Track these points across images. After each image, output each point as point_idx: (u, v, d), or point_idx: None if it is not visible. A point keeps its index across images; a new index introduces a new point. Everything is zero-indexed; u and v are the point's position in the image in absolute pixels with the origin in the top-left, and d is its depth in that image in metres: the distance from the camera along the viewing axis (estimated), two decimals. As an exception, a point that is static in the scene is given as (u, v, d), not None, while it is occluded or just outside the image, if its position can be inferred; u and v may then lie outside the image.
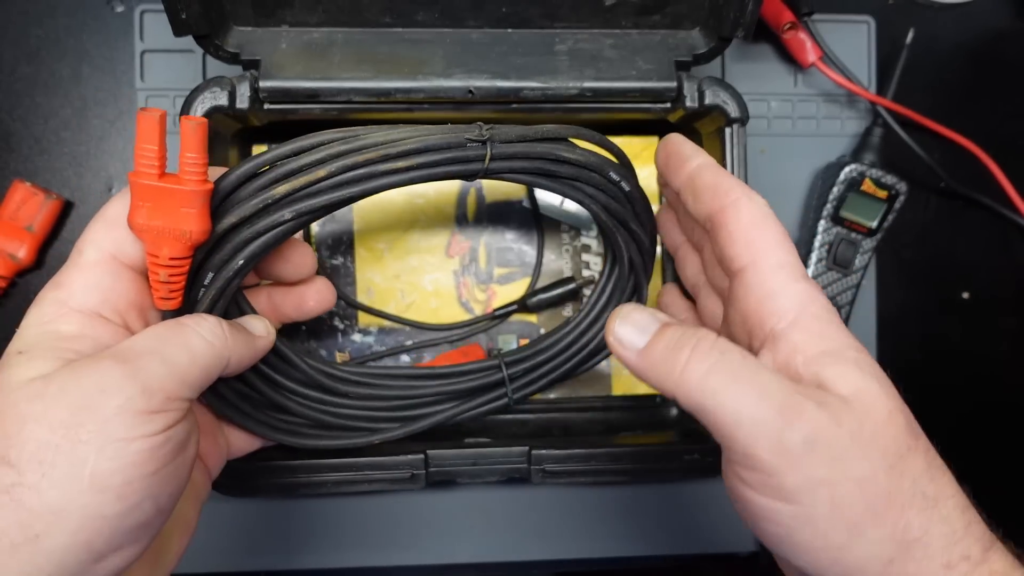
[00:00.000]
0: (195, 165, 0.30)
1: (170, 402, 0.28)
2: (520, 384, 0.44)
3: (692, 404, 0.28)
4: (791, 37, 0.49)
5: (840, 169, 0.49)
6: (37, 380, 0.27)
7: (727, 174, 0.34)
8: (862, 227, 0.48)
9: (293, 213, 0.33)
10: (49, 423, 0.26)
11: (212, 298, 0.34)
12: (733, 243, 0.32)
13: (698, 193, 0.35)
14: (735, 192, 0.33)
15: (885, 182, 0.48)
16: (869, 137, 0.50)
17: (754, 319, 0.31)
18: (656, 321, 0.31)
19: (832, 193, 0.48)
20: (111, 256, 0.31)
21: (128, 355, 0.28)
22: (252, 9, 0.40)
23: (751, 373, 0.28)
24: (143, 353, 0.29)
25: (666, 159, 0.37)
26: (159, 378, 0.28)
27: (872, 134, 0.50)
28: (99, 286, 0.31)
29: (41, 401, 0.27)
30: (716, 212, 0.33)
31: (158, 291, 0.31)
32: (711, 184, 0.34)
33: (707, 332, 0.29)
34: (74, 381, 0.27)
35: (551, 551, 0.50)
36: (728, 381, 0.27)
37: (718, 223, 0.33)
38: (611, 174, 0.40)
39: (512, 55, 0.42)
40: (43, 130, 0.48)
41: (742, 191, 0.33)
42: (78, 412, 0.26)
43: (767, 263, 0.31)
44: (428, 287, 0.49)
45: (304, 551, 0.48)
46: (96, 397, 0.27)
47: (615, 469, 0.44)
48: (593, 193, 0.41)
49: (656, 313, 0.32)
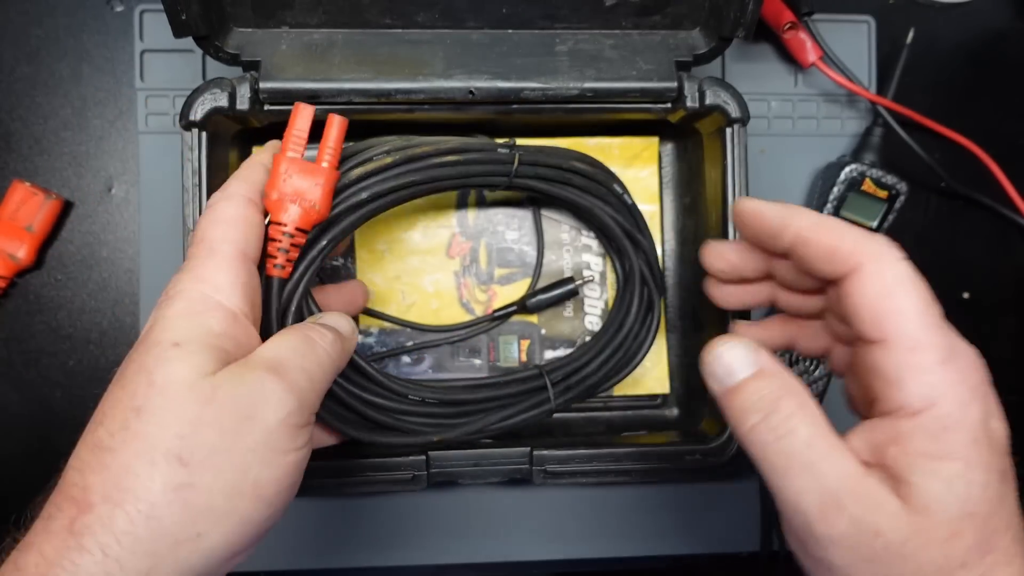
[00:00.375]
0: (333, 152, 0.36)
1: (312, 416, 0.31)
2: (560, 389, 0.44)
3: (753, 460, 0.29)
4: (791, 37, 0.49)
5: (840, 169, 0.49)
6: (205, 381, 0.28)
7: (839, 228, 0.30)
8: (863, 227, 0.48)
9: (369, 194, 0.38)
10: (221, 428, 0.27)
11: (300, 274, 0.36)
12: (860, 320, 0.28)
13: (809, 262, 0.31)
14: (857, 256, 0.29)
15: (885, 182, 0.48)
16: (869, 137, 0.50)
17: (878, 394, 0.28)
18: (751, 365, 0.29)
19: (832, 193, 0.48)
20: (243, 253, 0.32)
21: (279, 368, 0.30)
22: (252, 10, 0.40)
23: (808, 462, 0.27)
24: (292, 368, 0.30)
25: (755, 234, 0.33)
26: (307, 393, 0.30)
27: (872, 134, 0.50)
28: (241, 284, 0.32)
29: (213, 406, 0.28)
30: (837, 280, 0.30)
31: (276, 259, 0.34)
32: (825, 249, 0.30)
33: (791, 399, 0.28)
34: (241, 388, 0.28)
35: (552, 551, 0.50)
36: (783, 464, 0.27)
37: (841, 292, 0.29)
38: (615, 187, 0.43)
39: (512, 56, 0.42)
40: (43, 130, 0.48)
41: (866, 253, 0.29)
42: (245, 421, 0.28)
43: (898, 345, 0.27)
44: (429, 288, 0.49)
45: (305, 551, 0.48)
46: (261, 408, 0.28)
47: (617, 470, 0.44)
48: (602, 206, 0.44)
49: (758, 353, 0.30)
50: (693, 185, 0.48)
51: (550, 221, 0.49)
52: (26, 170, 0.48)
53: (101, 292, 0.48)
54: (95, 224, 0.48)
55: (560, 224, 0.49)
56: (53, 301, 0.48)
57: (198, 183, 0.41)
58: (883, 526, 0.26)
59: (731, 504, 0.50)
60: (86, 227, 0.48)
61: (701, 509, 0.50)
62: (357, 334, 0.37)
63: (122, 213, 0.48)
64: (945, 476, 0.26)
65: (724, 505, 0.50)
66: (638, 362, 0.46)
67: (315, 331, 0.33)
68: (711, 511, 0.50)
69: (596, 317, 0.50)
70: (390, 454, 0.43)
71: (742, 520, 0.50)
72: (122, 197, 0.48)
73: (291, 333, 0.32)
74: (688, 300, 0.49)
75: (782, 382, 0.29)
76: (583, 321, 0.49)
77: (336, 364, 0.33)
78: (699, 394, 0.48)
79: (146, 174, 0.48)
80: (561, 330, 0.49)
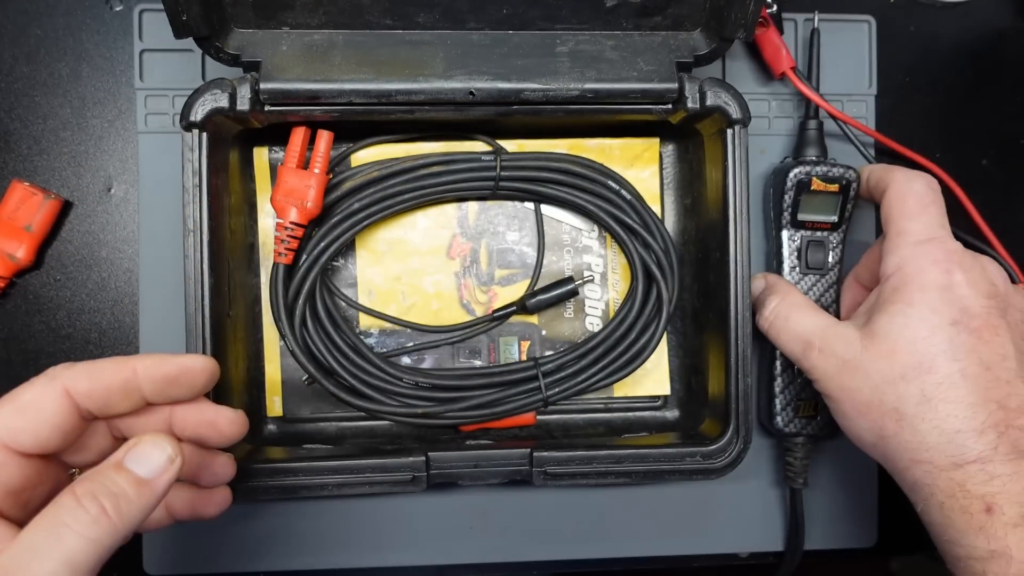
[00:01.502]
0: (323, 159, 0.44)
1: None
2: (552, 381, 0.46)
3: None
4: (761, 34, 0.48)
5: (786, 175, 0.47)
6: None
7: (889, 168, 0.43)
8: (824, 224, 0.47)
9: (360, 204, 0.45)
10: None
11: (305, 268, 0.44)
12: (884, 217, 0.42)
13: (871, 196, 0.45)
14: (885, 181, 0.42)
15: (833, 175, 0.47)
16: (806, 132, 0.49)
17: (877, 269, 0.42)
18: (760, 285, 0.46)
19: (785, 201, 0.47)
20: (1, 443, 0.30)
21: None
22: (253, 11, 0.40)
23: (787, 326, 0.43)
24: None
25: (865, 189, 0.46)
26: None
27: (808, 127, 0.49)
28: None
29: None
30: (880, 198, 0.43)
31: (278, 247, 0.43)
32: (876, 180, 0.44)
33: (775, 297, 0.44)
34: None
35: (552, 552, 0.50)
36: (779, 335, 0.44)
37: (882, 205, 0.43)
38: (610, 183, 0.44)
39: (513, 57, 0.42)
40: (42, 130, 0.48)
41: (889, 179, 0.42)
42: None
43: (890, 232, 0.41)
44: (429, 289, 0.49)
45: (305, 552, 0.48)
46: None
47: (617, 471, 0.44)
48: (598, 202, 0.45)
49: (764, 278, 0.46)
50: (694, 186, 0.48)
51: (551, 221, 0.49)
52: (25, 170, 0.48)
53: (100, 292, 0.48)
54: (94, 224, 0.48)
55: (561, 224, 0.49)
56: (52, 301, 0.48)
57: (198, 183, 0.41)
58: (840, 350, 0.40)
59: (731, 505, 0.50)
60: (85, 227, 0.48)
61: (701, 510, 0.50)
62: (177, 461, 0.31)
63: (121, 213, 0.48)
64: (890, 312, 0.39)
65: (724, 506, 0.50)
66: (644, 359, 0.46)
67: (73, 513, 0.28)
68: (711, 512, 0.50)
69: (597, 318, 0.50)
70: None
71: (742, 521, 0.51)
72: (121, 197, 0.48)
73: (37, 524, 0.28)
74: (688, 301, 0.49)
75: (772, 287, 0.45)
76: (584, 322, 0.49)
77: (111, 533, 0.28)
78: (699, 396, 0.48)
79: (145, 174, 0.48)
80: (561, 331, 0.49)
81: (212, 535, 0.48)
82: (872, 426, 0.39)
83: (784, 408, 0.48)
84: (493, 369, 0.47)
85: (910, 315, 0.38)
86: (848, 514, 0.51)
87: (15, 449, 0.30)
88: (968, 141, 0.53)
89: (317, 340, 0.45)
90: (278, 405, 0.48)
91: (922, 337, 0.38)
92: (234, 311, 0.44)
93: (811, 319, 0.42)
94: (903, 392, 0.37)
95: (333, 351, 0.45)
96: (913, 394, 0.37)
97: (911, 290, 0.38)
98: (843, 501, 0.51)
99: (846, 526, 0.51)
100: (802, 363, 0.42)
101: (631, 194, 0.46)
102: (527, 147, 0.48)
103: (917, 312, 0.38)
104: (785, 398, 0.48)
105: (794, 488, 0.49)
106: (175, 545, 0.48)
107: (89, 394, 0.32)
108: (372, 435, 0.49)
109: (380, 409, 0.44)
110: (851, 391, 0.39)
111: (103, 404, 0.33)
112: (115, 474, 0.30)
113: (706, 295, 0.47)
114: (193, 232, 0.41)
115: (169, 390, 0.34)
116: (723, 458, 0.44)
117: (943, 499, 0.36)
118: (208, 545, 0.48)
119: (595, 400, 0.50)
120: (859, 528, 0.51)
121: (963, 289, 0.38)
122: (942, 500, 0.36)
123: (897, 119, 0.53)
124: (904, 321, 0.38)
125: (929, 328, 0.38)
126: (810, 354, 0.41)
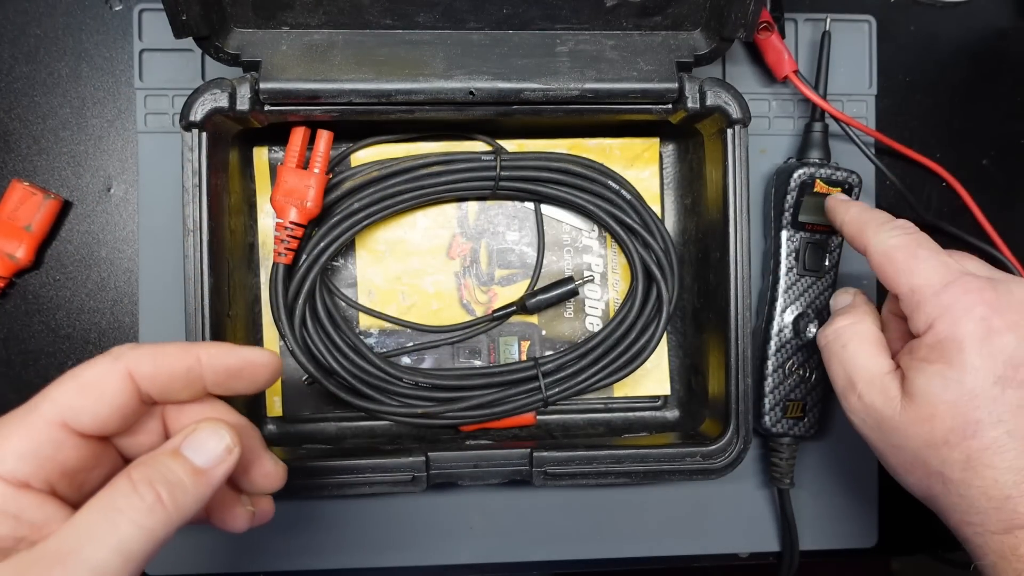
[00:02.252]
0: (322, 159, 0.44)
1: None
2: (552, 381, 0.46)
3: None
4: (764, 39, 0.48)
5: (789, 176, 0.47)
6: None
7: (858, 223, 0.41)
8: (824, 227, 0.47)
9: (360, 204, 0.45)
10: None
11: (305, 267, 0.44)
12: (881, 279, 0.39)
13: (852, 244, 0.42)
14: (861, 239, 0.40)
15: (836, 178, 0.47)
16: (811, 134, 0.49)
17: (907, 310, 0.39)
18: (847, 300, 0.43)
19: (787, 201, 0.47)
20: (62, 422, 0.29)
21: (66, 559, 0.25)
22: (253, 11, 0.40)
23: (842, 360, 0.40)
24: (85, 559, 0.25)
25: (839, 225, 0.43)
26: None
27: (813, 130, 0.49)
28: (40, 452, 0.28)
29: None
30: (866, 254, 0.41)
31: (278, 247, 0.44)
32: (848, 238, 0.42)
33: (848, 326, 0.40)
34: None
35: (552, 552, 0.50)
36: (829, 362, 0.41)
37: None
38: (610, 183, 0.44)
39: (513, 56, 0.42)
40: (41, 129, 0.48)
41: (866, 236, 0.40)
42: None
43: (901, 294, 0.38)
44: (429, 289, 0.49)
45: (305, 552, 0.48)
46: None
47: (617, 471, 0.44)
48: (597, 202, 0.45)
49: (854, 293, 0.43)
50: (694, 186, 0.48)
51: (551, 221, 0.49)
52: (25, 170, 0.48)
53: (100, 292, 0.48)
54: (94, 224, 0.48)
55: (561, 224, 0.49)
56: (52, 301, 0.48)
57: (198, 183, 0.41)
58: (880, 405, 0.37)
59: (731, 505, 0.50)
60: (85, 227, 0.48)
61: (701, 511, 0.50)
62: (235, 452, 0.30)
63: (121, 213, 0.48)
64: (928, 373, 0.36)
65: (724, 506, 0.50)
66: (644, 359, 0.46)
67: (128, 499, 0.27)
68: (711, 513, 0.50)
69: (597, 318, 0.50)
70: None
71: (742, 521, 0.51)
72: (121, 197, 0.48)
73: (91, 508, 0.27)
74: (688, 301, 0.49)
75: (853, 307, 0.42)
76: (584, 322, 0.49)
77: (158, 536, 0.27)
78: (699, 396, 0.48)
79: (145, 174, 0.48)
80: (562, 331, 0.49)
81: (212, 535, 0.48)
82: (919, 484, 0.37)
83: (772, 408, 0.48)
84: (493, 369, 0.47)
85: (949, 377, 0.35)
86: (848, 514, 0.51)
87: (75, 428, 0.29)
88: (968, 141, 0.53)
89: (317, 340, 0.45)
90: (278, 405, 0.48)
91: (964, 400, 0.35)
92: (234, 311, 0.44)
93: (865, 358, 0.39)
94: (947, 457, 0.35)
95: (333, 351, 0.45)
96: (957, 460, 0.35)
97: (948, 350, 0.35)
98: (843, 502, 0.51)
99: (846, 526, 0.51)
100: (841, 401, 0.40)
101: (631, 194, 0.46)
102: (527, 147, 0.48)
103: (956, 374, 0.35)
104: (774, 398, 0.48)
105: (781, 488, 0.49)
106: (175, 545, 0.48)
107: (153, 378, 0.30)
108: (372, 435, 0.49)
109: (380, 409, 0.45)
110: (894, 449, 0.38)
111: (164, 390, 0.31)
112: (172, 461, 0.28)
113: (706, 295, 0.47)
114: (193, 232, 0.41)
115: (230, 382, 0.32)
116: (723, 458, 0.44)
117: (995, 560, 0.35)
118: (208, 545, 0.48)
119: (595, 400, 0.50)
120: (859, 528, 0.51)
121: (1005, 337, 0.35)
122: (994, 561, 0.35)
123: (897, 119, 0.53)
124: (943, 383, 0.35)
125: (971, 391, 0.35)
126: (850, 396, 0.39)
